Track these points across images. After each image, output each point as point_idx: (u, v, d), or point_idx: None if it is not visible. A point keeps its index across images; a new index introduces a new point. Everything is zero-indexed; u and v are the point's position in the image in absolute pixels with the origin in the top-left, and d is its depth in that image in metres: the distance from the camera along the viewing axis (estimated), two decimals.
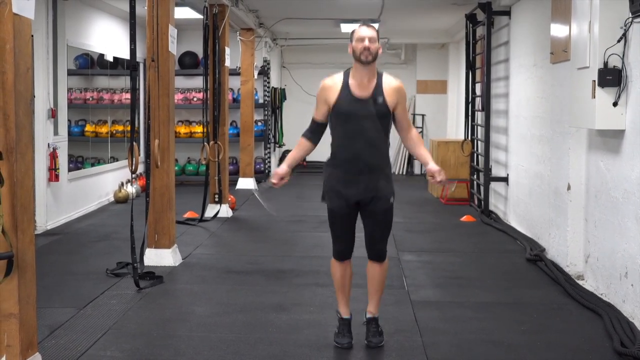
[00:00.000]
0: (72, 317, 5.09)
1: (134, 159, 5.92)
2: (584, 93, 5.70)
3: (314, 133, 4.54)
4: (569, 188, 6.44)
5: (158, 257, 6.66)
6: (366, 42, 4.30)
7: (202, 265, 6.77)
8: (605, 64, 5.37)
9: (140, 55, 10.82)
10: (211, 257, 7.15)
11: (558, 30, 6.71)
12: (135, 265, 5.90)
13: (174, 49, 6.72)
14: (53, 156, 8.59)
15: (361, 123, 4.34)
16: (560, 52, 6.63)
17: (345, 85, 4.39)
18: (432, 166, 4.44)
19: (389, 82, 4.42)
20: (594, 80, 5.45)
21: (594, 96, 5.47)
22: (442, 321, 5.12)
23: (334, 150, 4.49)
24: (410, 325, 5.02)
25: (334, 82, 4.43)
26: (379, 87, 4.38)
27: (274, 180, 4.52)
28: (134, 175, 6.18)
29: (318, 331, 4.85)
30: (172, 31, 6.69)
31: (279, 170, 4.51)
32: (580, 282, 6.16)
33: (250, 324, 4.99)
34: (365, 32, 4.34)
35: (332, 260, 4.64)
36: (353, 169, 4.40)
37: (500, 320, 5.17)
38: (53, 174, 8.60)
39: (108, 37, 10.62)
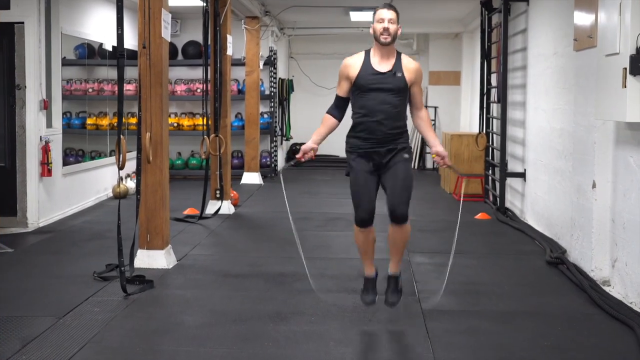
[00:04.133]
0: (49, 327, 4.64)
1: (121, 155, 5.47)
2: (613, 82, 5.19)
3: (337, 108, 4.79)
4: (594, 186, 5.93)
5: (150, 259, 6.21)
6: (385, 24, 4.59)
7: (198, 268, 6.31)
8: (638, 49, 4.86)
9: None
10: (208, 259, 6.69)
11: (582, 14, 6.18)
12: (122, 269, 5.44)
13: (167, 35, 6.25)
14: (45, 150, 8.16)
15: (380, 95, 4.59)
16: (584, 38, 6.11)
17: (367, 61, 4.66)
18: (440, 149, 4.73)
19: (408, 61, 4.71)
20: (625, 68, 4.96)
21: (624, 85, 4.97)
22: (456, 334, 4.64)
23: (355, 121, 4.71)
24: (421, 338, 4.54)
25: (355, 60, 4.70)
26: (398, 63, 4.65)
27: (298, 155, 4.72)
28: (121, 172, 5.71)
29: (318, 345, 4.38)
30: (166, 16, 6.22)
31: (305, 146, 4.71)
32: (606, 289, 5.66)
33: (245, 337, 4.52)
34: (385, 13, 4.63)
35: (355, 227, 4.76)
36: (372, 138, 4.62)
37: (521, 333, 4.67)
38: (45, 168, 8.17)
39: (106, 25, 10.17)
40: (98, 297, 5.33)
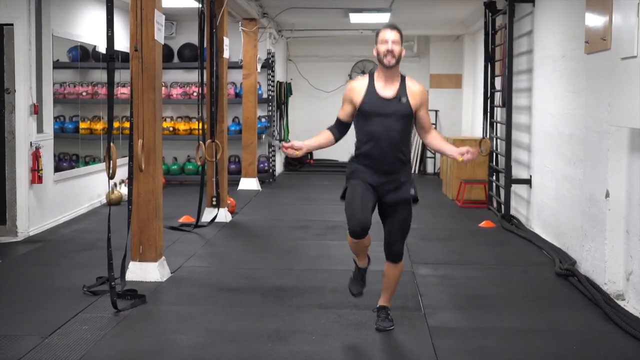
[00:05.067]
0: (33, 348, 4.35)
1: (111, 163, 5.20)
2: (629, 86, 4.93)
3: (338, 129, 4.62)
4: (607, 195, 5.66)
5: (143, 272, 5.93)
6: (389, 45, 4.39)
7: (193, 281, 6.02)
8: None
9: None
10: (203, 271, 6.41)
11: (594, 15, 5.92)
12: (112, 284, 5.16)
13: (160, 37, 5.99)
14: (36, 156, 7.88)
15: (386, 122, 4.44)
16: (597, 40, 5.85)
17: (371, 86, 4.50)
18: (460, 150, 4.49)
19: (413, 85, 4.54)
20: None
21: None
22: (465, 354, 4.37)
23: (359, 148, 4.55)
24: (428, 359, 4.27)
25: (360, 84, 4.54)
26: (403, 88, 4.49)
27: (286, 144, 4.47)
28: (112, 181, 5.44)
29: None
30: (159, 17, 5.96)
31: (297, 143, 4.48)
32: (620, 303, 5.40)
33: (241, 358, 4.25)
34: (388, 34, 4.41)
35: (348, 235, 4.56)
36: (377, 166, 4.47)
37: (535, 353, 4.40)
38: (36, 175, 7.89)
39: (99, 27, 9.89)
40: (87, 314, 5.05)
